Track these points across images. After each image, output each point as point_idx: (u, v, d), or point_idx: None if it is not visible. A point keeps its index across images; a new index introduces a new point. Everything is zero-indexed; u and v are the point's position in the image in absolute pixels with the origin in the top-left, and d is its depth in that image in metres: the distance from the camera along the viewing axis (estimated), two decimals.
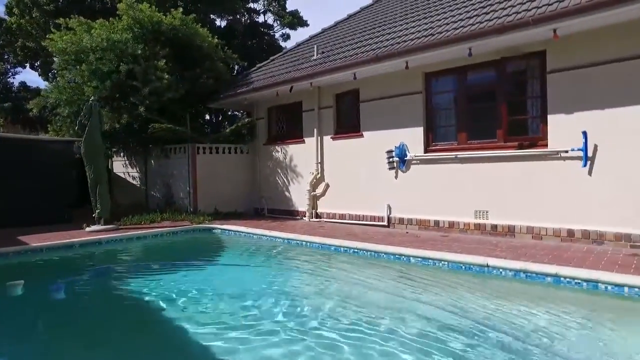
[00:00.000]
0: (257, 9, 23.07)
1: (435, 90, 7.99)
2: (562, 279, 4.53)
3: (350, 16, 12.09)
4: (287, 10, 22.89)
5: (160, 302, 4.64)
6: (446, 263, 5.34)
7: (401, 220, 8.26)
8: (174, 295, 4.82)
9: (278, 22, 24.02)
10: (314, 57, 9.92)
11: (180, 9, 11.26)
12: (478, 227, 7.27)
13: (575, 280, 4.45)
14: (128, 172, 13.12)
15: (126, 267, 6.87)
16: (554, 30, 5.94)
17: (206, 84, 11.01)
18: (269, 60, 12.34)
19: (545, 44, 6.39)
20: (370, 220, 8.74)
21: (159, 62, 10.03)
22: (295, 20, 22.96)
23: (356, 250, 6.34)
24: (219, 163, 11.03)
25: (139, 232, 8.27)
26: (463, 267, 5.19)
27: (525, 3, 6.61)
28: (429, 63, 7.65)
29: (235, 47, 19.25)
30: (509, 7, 6.83)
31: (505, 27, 6.23)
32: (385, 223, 8.45)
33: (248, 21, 22.66)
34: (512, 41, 6.52)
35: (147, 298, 4.88)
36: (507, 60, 7.05)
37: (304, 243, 7.11)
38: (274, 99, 10.53)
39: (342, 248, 6.52)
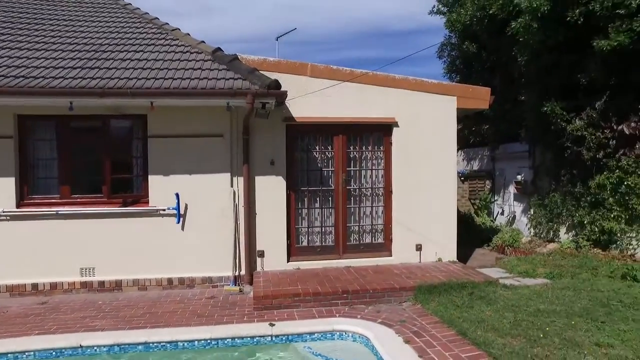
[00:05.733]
0: None
1: (33, 136, 7.17)
2: (151, 344, 5.06)
3: None
4: None
5: None
6: (32, 353, 4.87)
7: None
8: None
9: None
10: None
11: None
12: (85, 285, 7.07)
13: (162, 344, 5.08)
14: None
15: None
16: (151, 103, 6.55)
17: None
18: None
19: (146, 109, 6.87)
20: None
21: None
22: None
23: None
24: None
25: None
26: (54, 353, 4.90)
27: (129, 69, 6.99)
28: (23, 105, 6.78)
29: None
30: (113, 68, 7.02)
31: (106, 93, 6.34)
32: None
33: None
34: (117, 102, 6.69)
35: None
36: (112, 118, 7.19)
37: None
38: None
39: None
